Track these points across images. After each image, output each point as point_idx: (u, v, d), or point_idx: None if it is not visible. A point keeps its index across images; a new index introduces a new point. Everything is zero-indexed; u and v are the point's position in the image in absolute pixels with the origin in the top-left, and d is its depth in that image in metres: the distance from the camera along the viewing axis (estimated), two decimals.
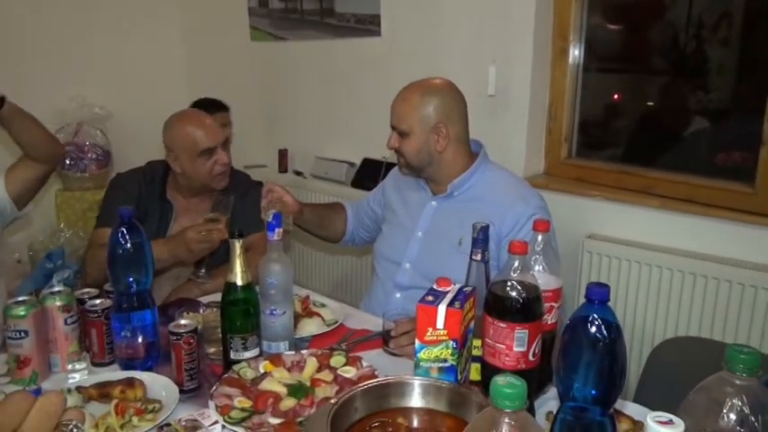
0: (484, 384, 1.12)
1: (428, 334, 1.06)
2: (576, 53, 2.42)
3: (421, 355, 1.08)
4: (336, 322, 1.55)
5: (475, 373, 1.16)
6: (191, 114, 1.95)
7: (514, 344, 1.01)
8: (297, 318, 1.52)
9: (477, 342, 1.13)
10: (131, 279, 1.31)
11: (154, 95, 3.40)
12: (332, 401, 0.97)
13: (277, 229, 1.32)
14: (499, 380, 0.59)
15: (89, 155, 3.34)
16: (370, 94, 2.86)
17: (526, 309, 1.02)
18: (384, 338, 1.42)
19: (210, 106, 2.64)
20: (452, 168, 1.68)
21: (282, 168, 3.34)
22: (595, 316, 0.84)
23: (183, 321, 1.26)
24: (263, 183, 2.09)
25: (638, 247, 2.14)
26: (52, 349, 1.31)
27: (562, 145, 2.49)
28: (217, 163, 1.86)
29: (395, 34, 2.77)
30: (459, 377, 1.08)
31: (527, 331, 1.01)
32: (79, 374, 1.29)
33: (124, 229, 1.29)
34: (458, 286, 1.13)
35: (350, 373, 1.26)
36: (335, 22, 2.97)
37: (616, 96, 2.61)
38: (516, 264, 1.03)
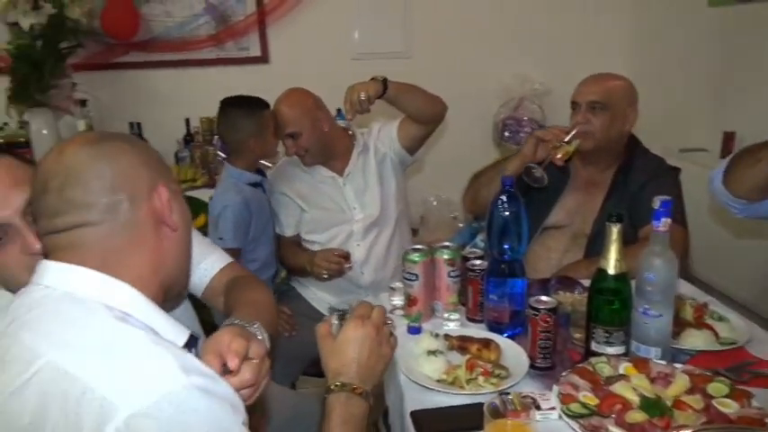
0: None
1: None
2: None
3: None
4: (734, 343, 1.26)
5: None
6: None
7: None
8: (683, 324, 1.30)
9: None
10: (506, 246, 1.34)
11: (593, 70, 3.35)
12: None
13: (663, 219, 1.15)
14: None
15: (525, 128, 3.54)
16: None
17: None
18: None
19: None
20: None
21: (725, 154, 2.85)
22: None
23: (544, 298, 1.23)
24: (679, 169, 1.84)
25: None
26: (436, 296, 1.47)
27: None
28: None
29: None
30: None
31: None
32: (453, 324, 1.42)
33: (504, 197, 1.32)
34: None
35: (729, 408, 1.01)
36: None
37: None
38: None
